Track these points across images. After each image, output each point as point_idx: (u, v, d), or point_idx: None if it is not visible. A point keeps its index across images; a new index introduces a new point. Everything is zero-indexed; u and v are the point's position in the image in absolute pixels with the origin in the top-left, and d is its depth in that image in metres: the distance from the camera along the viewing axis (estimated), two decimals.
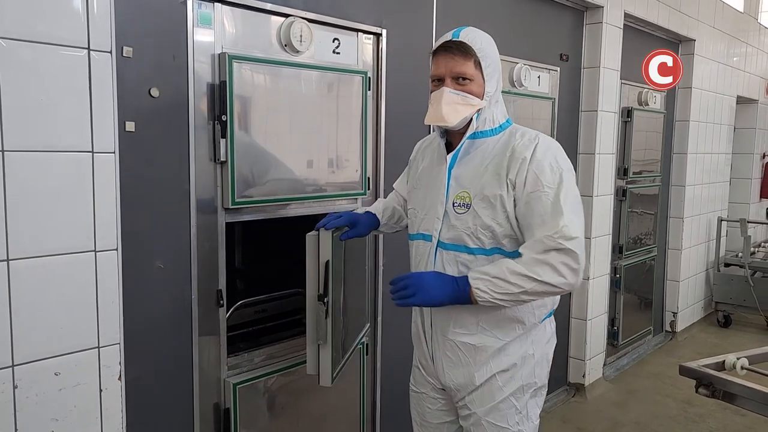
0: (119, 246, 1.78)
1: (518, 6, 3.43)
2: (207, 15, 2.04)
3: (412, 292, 1.67)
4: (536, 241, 1.63)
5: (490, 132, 1.78)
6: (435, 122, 1.74)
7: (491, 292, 1.64)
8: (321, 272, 1.89)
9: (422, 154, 1.99)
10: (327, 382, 1.94)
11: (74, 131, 1.66)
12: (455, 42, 1.72)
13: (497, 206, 1.70)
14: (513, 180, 1.68)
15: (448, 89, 1.71)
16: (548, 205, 1.64)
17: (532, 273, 1.61)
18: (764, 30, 7.06)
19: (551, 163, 1.68)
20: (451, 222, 1.76)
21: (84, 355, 1.73)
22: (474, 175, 1.75)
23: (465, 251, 1.75)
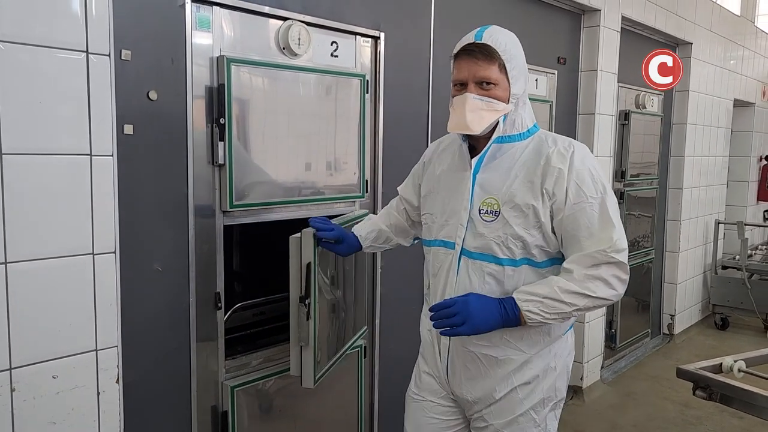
0: (117, 249, 1.78)
1: (516, 9, 3.44)
2: (205, 18, 2.04)
3: (461, 321, 1.56)
4: (586, 256, 1.57)
5: (518, 137, 1.69)
6: (459, 130, 1.66)
7: (543, 313, 1.57)
8: (303, 274, 1.94)
9: (439, 157, 1.88)
10: (309, 383, 1.98)
11: (72, 134, 1.66)
12: (478, 45, 1.62)
13: (530, 216, 1.62)
14: (550, 190, 1.60)
15: (472, 95, 1.61)
16: (594, 217, 1.58)
17: (586, 290, 1.56)
18: (761, 33, 7.08)
19: (591, 172, 1.61)
20: (478, 230, 1.67)
21: (82, 358, 1.73)
22: (502, 182, 1.66)
23: (493, 261, 1.66)
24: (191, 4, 1.99)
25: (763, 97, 7.29)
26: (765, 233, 7.47)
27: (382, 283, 2.77)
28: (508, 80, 1.63)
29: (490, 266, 1.66)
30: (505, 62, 1.62)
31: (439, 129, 2.95)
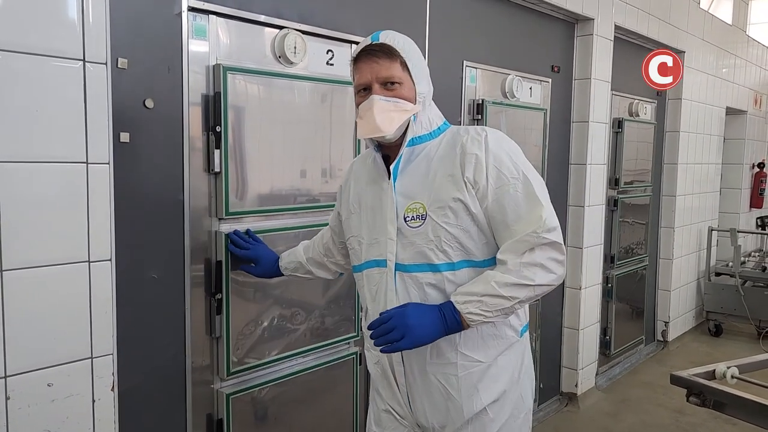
0: (113, 256, 1.78)
1: (510, 18, 3.46)
2: (202, 27, 2.05)
3: (400, 335, 1.47)
4: (518, 242, 1.48)
5: (428, 136, 1.62)
6: (370, 135, 1.56)
7: (484, 312, 1.48)
8: (213, 271, 2.12)
9: (354, 177, 1.79)
10: (223, 374, 2.17)
11: (68, 142, 1.66)
12: (377, 45, 1.58)
13: (459, 211, 1.53)
14: (471, 178, 1.52)
15: (378, 96, 1.54)
16: (520, 198, 1.50)
17: (524, 279, 1.47)
18: (752, 42, 7.15)
19: (508, 153, 1.54)
20: (408, 239, 1.57)
21: (77, 365, 1.73)
22: (423, 184, 1.57)
23: (429, 270, 1.55)
24: (188, 13, 2.00)
25: (755, 105, 7.35)
26: (758, 240, 7.52)
27: None
28: (412, 79, 1.58)
29: (427, 276, 1.56)
30: (406, 60, 1.57)
31: None
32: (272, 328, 2.33)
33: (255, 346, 2.28)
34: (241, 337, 2.23)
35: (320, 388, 2.54)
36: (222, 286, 2.14)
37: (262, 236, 2.26)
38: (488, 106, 3.19)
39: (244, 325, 2.24)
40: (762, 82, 7.57)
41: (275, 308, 2.35)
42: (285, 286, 2.37)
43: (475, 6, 3.19)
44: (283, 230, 2.33)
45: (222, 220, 2.15)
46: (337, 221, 1.90)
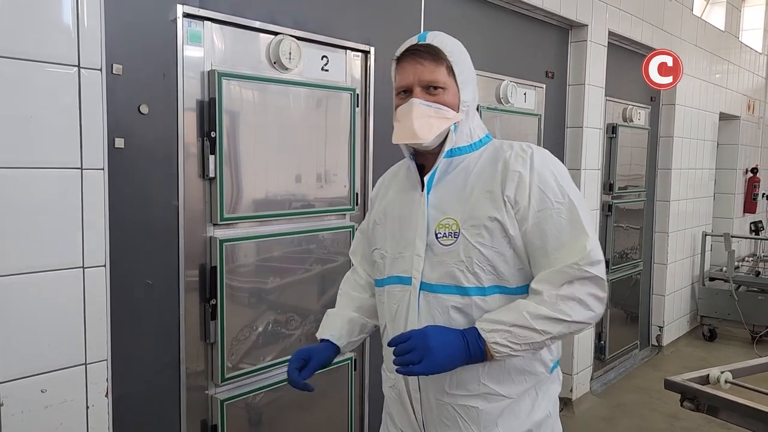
0: (107, 262, 1.78)
1: (505, 24, 3.48)
2: (197, 33, 2.06)
3: (418, 358, 1.32)
4: (556, 272, 1.34)
5: (468, 148, 1.49)
6: (406, 140, 1.46)
7: (512, 344, 1.33)
8: (208, 276, 2.12)
9: (386, 187, 1.66)
10: (217, 380, 2.16)
11: (63, 148, 1.66)
12: (423, 45, 1.46)
13: (495, 232, 1.39)
14: (512, 197, 1.38)
15: (419, 100, 1.43)
16: (564, 225, 1.37)
17: (559, 314, 1.32)
18: (745, 48, 7.20)
19: (555, 175, 1.41)
20: (437, 257, 1.43)
21: (71, 371, 1.72)
22: (458, 199, 1.45)
23: (457, 292, 1.41)
24: (183, 19, 2.00)
25: (749, 111, 7.39)
26: (751, 245, 7.55)
27: None
28: (457, 86, 1.46)
29: (454, 299, 1.41)
30: (452, 65, 1.45)
31: None
32: (267, 333, 2.33)
33: (250, 351, 2.28)
34: (236, 343, 2.23)
35: (315, 393, 2.52)
36: (217, 292, 2.14)
37: (257, 242, 2.26)
38: (483, 111, 3.20)
39: (238, 330, 2.24)
40: (755, 87, 7.61)
41: (270, 313, 2.35)
42: (280, 292, 2.37)
43: (469, 12, 3.20)
44: (278, 236, 2.33)
45: (217, 226, 2.15)
46: (367, 248, 1.70)
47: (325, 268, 2.53)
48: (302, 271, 2.46)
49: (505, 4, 3.41)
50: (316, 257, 2.49)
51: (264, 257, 2.30)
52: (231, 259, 2.18)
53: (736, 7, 6.97)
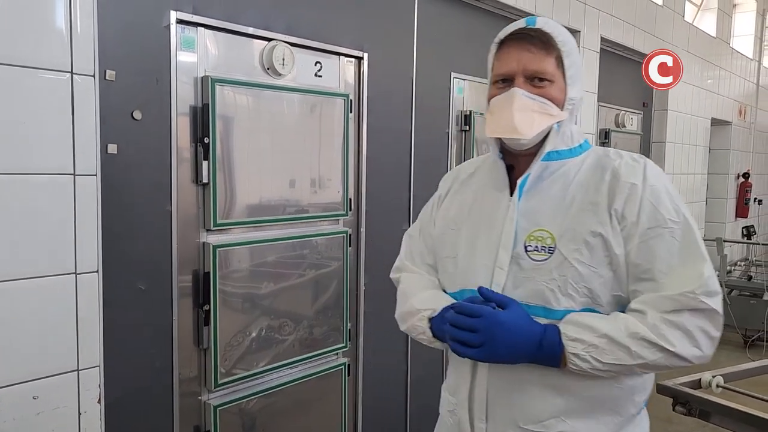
0: (100, 268, 1.78)
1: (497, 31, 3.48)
2: (190, 39, 2.06)
3: (479, 341, 1.18)
4: (665, 298, 1.16)
5: (568, 152, 1.31)
6: (502, 134, 1.28)
7: (594, 360, 1.16)
8: (201, 282, 2.12)
9: (462, 187, 1.47)
10: (210, 386, 2.15)
11: (56, 154, 1.66)
12: (534, 30, 1.28)
13: (597, 249, 1.21)
14: (620, 211, 1.21)
15: (521, 91, 1.25)
16: (677, 248, 1.19)
17: (662, 340, 1.14)
18: (736, 54, 7.25)
19: (668, 190, 1.24)
20: (524, 273, 1.26)
21: (63, 378, 1.72)
22: (556, 209, 1.27)
23: (543, 315, 1.23)
24: (176, 26, 2.01)
25: (740, 116, 7.44)
26: (744, 250, 7.59)
27: (365, 300, 2.78)
28: (565, 80, 1.29)
29: (540, 321, 1.23)
30: (563, 56, 1.28)
31: (423, 147, 2.99)
32: (260, 339, 2.33)
33: (243, 357, 2.28)
34: (229, 348, 2.22)
35: (308, 399, 2.53)
36: (210, 297, 2.14)
37: (251, 247, 2.26)
38: (476, 117, 3.22)
39: (232, 336, 2.23)
40: (746, 93, 7.67)
41: (263, 319, 2.35)
42: (273, 297, 2.37)
43: (463, 19, 3.22)
44: (271, 241, 2.34)
45: (210, 231, 2.15)
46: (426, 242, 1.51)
47: (318, 273, 2.53)
48: (296, 276, 2.46)
49: (498, 10, 3.42)
50: (310, 263, 2.50)
51: (257, 263, 2.30)
52: (224, 264, 2.18)
53: (727, 13, 7.02)
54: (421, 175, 3.00)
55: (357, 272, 2.74)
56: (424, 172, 3.02)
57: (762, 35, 8.15)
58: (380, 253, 2.83)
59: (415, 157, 2.97)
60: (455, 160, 3.21)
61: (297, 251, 2.44)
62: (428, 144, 3.04)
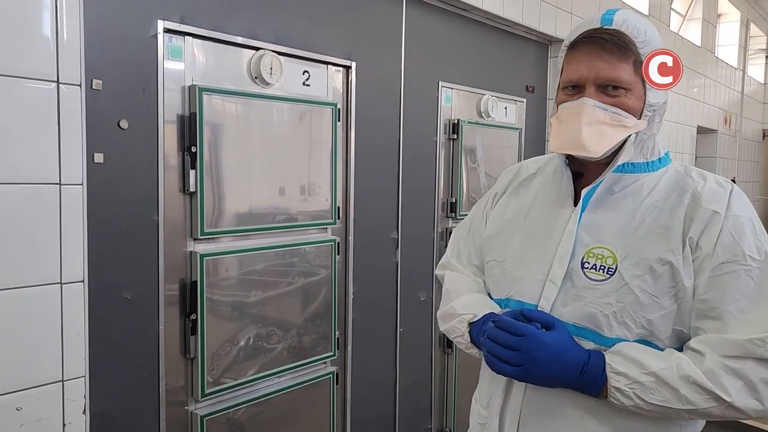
0: (86, 278, 1.77)
1: (485, 40, 3.52)
2: (178, 48, 2.06)
3: (519, 361, 1.10)
4: (728, 341, 1.05)
5: (645, 166, 1.21)
6: (571, 150, 1.17)
7: (637, 398, 1.06)
8: (188, 292, 2.11)
9: (521, 188, 1.38)
10: (197, 395, 2.15)
11: (41, 164, 1.65)
12: (609, 31, 1.15)
13: (663, 278, 1.11)
14: (696, 239, 1.10)
15: (592, 101, 1.14)
16: (751, 289, 1.07)
17: (718, 387, 1.03)
18: (721, 63, 7.34)
19: (753, 224, 1.12)
20: (577, 291, 1.17)
21: (48, 389, 1.70)
22: (622, 227, 1.17)
23: (593, 339, 1.14)
24: (164, 35, 2.01)
25: (725, 125, 7.53)
26: None
27: (353, 309, 2.78)
28: (644, 86, 1.17)
29: (587, 346, 1.14)
30: (642, 60, 1.17)
31: (411, 156, 3.00)
32: (248, 347, 2.32)
33: (230, 366, 2.27)
34: (217, 358, 2.21)
35: (297, 408, 2.52)
36: (197, 307, 2.13)
37: (238, 256, 2.26)
38: (464, 125, 3.24)
39: (219, 345, 2.22)
40: (731, 101, 7.76)
41: (251, 327, 2.34)
42: (261, 306, 2.37)
43: (450, 28, 3.24)
44: (259, 250, 2.33)
45: (197, 240, 2.15)
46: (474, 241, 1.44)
47: (307, 282, 2.53)
48: (284, 285, 2.46)
49: (486, 20, 3.45)
50: (298, 271, 2.49)
51: (245, 271, 2.30)
52: (212, 273, 2.18)
53: (712, 23, 7.11)
54: (409, 183, 3.01)
55: (345, 281, 2.75)
56: (412, 180, 3.03)
57: (746, 45, 8.26)
58: (369, 262, 2.84)
59: (404, 166, 2.98)
60: (443, 168, 3.22)
61: (285, 260, 2.44)
62: (416, 152, 3.05)
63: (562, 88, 1.22)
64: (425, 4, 3.05)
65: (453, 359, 3.34)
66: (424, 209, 3.14)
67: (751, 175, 8.82)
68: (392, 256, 2.99)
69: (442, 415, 3.37)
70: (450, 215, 3.26)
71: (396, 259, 3.00)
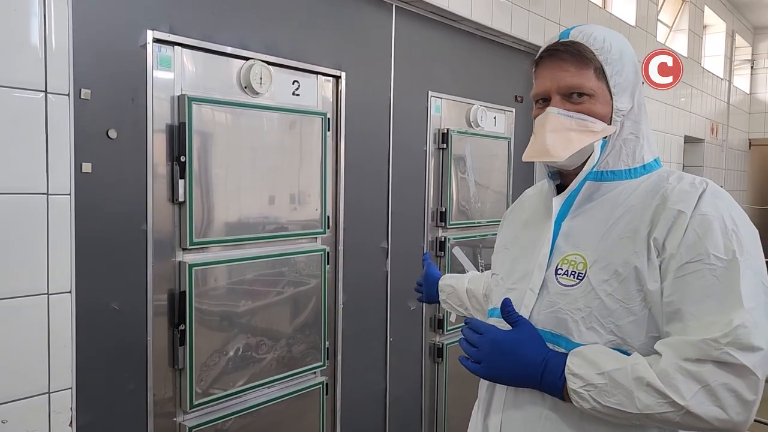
0: (73, 288, 1.75)
1: (474, 50, 3.55)
2: (167, 58, 2.06)
3: (478, 358, 1.16)
4: (687, 343, 1.01)
5: (626, 173, 1.21)
6: (536, 157, 1.20)
7: (593, 401, 1.05)
8: (177, 302, 2.10)
9: (522, 207, 1.45)
10: (186, 407, 2.13)
11: (29, 173, 1.64)
12: (564, 43, 1.20)
13: (628, 282, 1.10)
14: (660, 241, 1.09)
15: (556, 110, 1.18)
16: (715, 287, 1.03)
17: (671, 391, 0.99)
18: (707, 74, 7.42)
19: (724, 221, 1.07)
20: (550, 297, 1.19)
21: (34, 401, 1.68)
22: (595, 233, 1.18)
23: (564, 345, 1.15)
24: (153, 44, 2.01)
25: (712, 134, 7.60)
26: None
27: (343, 318, 2.77)
28: (610, 91, 1.19)
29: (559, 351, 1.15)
30: (603, 65, 1.18)
31: (400, 165, 3.01)
32: (237, 358, 2.31)
33: (219, 377, 2.25)
34: (205, 369, 2.20)
35: (286, 419, 2.51)
36: (186, 317, 2.12)
37: (228, 266, 2.25)
38: (453, 135, 3.25)
39: (208, 355, 2.21)
40: (717, 111, 7.84)
41: (241, 338, 2.33)
42: (251, 316, 2.36)
43: (439, 38, 3.26)
44: (248, 260, 2.32)
45: (186, 250, 2.14)
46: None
47: (296, 291, 2.52)
48: (273, 294, 2.45)
49: (475, 30, 3.48)
50: (288, 281, 2.49)
51: (234, 281, 2.29)
52: (201, 283, 2.16)
53: (698, 34, 7.19)
54: (399, 193, 3.02)
55: (335, 290, 2.74)
56: (402, 189, 3.04)
57: (732, 55, 8.36)
58: (358, 271, 2.84)
59: (393, 175, 2.99)
60: (433, 177, 3.23)
61: (274, 269, 2.43)
62: (406, 162, 3.06)
63: (534, 102, 1.27)
64: (414, 14, 3.07)
65: (443, 369, 3.33)
66: (414, 219, 3.15)
67: (738, 184, 8.91)
68: (382, 266, 2.98)
69: (432, 424, 3.36)
70: (440, 225, 3.27)
71: (386, 269, 3.00)
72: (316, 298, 2.60)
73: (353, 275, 2.80)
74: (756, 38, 9.25)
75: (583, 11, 4.50)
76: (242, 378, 2.34)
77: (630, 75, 1.22)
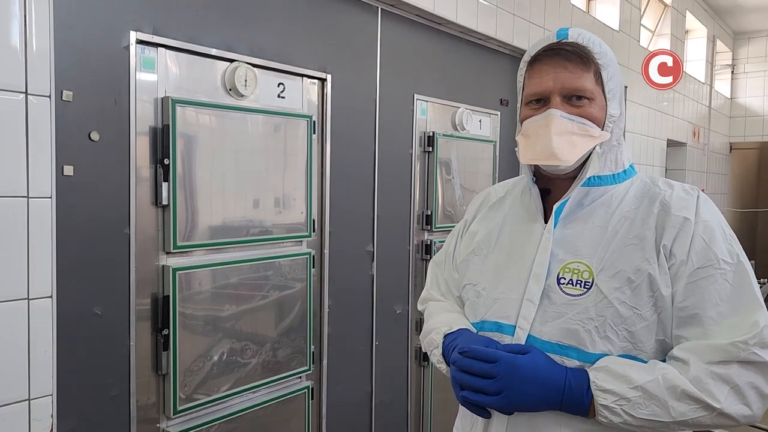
0: (54, 293, 1.73)
1: (460, 54, 3.55)
2: (150, 59, 2.04)
3: (496, 389, 1.08)
4: (712, 347, 1.04)
5: (611, 178, 1.21)
6: (542, 161, 1.17)
7: (625, 414, 1.04)
8: (160, 306, 2.08)
9: (491, 211, 1.38)
10: (169, 413, 2.10)
11: (8, 176, 1.62)
12: (569, 43, 1.17)
13: (641, 289, 1.10)
14: (669, 247, 1.10)
15: (559, 112, 1.15)
16: (729, 292, 1.07)
17: (706, 395, 1.02)
18: (689, 78, 7.51)
19: (722, 227, 1.13)
20: (556, 307, 1.15)
21: (13, 408, 1.65)
22: (596, 240, 1.16)
23: (576, 357, 1.12)
24: (136, 46, 1.98)
25: (694, 138, 7.69)
26: None
27: (329, 322, 2.76)
28: (605, 95, 1.18)
29: (571, 364, 1.12)
30: (602, 69, 1.17)
31: (386, 168, 3.00)
32: (222, 363, 2.29)
33: (204, 382, 2.23)
34: (189, 374, 2.17)
35: (271, 424, 2.49)
36: (169, 321, 2.09)
37: (212, 270, 2.23)
38: (439, 138, 3.25)
39: (192, 360, 2.19)
40: (699, 115, 7.94)
41: (225, 342, 2.30)
42: (235, 320, 2.34)
43: (425, 42, 3.26)
44: (233, 263, 2.30)
45: (170, 254, 2.11)
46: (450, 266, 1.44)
47: (281, 295, 2.51)
48: (258, 298, 2.43)
49: (460, 34, 3.48)
50: (273, 284, 2.47)
51: (219, 285, 2.27)
52: (184, 287, 2.14)
53: (680, 39, 7.28)
54: (384, 195, 3.01)
55: (320, 294, 2.73)
56: (388, 192, 3.03)
57: (713, 60, 8.47)
58: (344, 275, 2.83)
59: (379, 178, 2.98)
60: (419, 180, 3.23)
61: (259, 273, 2.42)
62: (392, 165, 3.06)
63: (526, 103, 1.22)
64: (400, 17, 3.07)
65: (429, 373, 3.33)
66: (399, 222, 3.14)
67: (719, 187, 9.02)
68: (368, 269, 2.98)
69: (419, 428, 3.35)
70: (426, 228, 3.27)
71: (372, 272, 2.99)
72: (302, 301, 2.58)
73: (339, 279, 2.79)
74: (736, 44, 9.38)
75: (567, 15, 4.53)
76: (227, 383, 2.31)
77: (619, 81, 1.22)
